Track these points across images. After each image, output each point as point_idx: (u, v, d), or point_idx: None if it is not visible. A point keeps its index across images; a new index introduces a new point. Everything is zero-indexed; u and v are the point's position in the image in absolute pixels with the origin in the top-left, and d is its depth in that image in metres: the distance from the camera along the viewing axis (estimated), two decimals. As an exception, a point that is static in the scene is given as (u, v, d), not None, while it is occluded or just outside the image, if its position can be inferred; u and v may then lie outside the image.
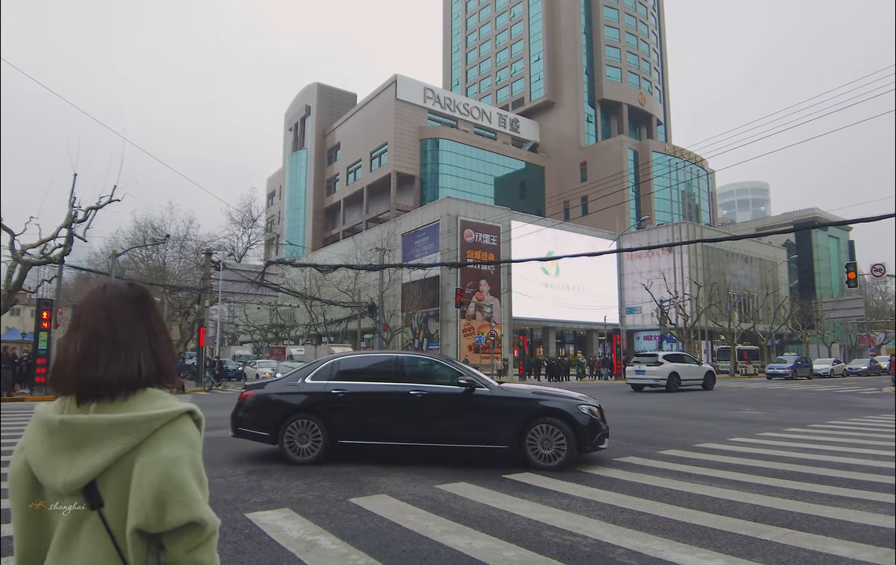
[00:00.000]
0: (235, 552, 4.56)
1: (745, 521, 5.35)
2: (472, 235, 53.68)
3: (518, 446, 7.97)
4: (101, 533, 1.21)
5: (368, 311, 49.12)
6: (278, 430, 8.41)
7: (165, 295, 42.77)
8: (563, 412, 7.99)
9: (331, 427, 8.32)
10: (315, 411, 8.38)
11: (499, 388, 8.42)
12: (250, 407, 8.83)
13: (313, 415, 8.36)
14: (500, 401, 8.22)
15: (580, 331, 65.63)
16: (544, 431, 7.95)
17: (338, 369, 8.79)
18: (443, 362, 8.99)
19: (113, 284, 1.39)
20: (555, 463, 7.78)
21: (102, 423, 1.22)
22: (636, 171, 79.00)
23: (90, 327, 1.30)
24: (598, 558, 4.42)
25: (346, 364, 9.04)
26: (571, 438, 7.84)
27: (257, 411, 8.75)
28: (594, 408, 8.27)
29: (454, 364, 8.98)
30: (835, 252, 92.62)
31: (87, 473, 1.20)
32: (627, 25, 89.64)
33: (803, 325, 64.11)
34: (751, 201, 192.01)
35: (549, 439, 7.89)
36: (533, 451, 7.90)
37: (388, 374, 8.66)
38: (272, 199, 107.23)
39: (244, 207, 51.17)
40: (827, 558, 4.37)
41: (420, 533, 5.01)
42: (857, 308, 49.86)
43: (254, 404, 8.80)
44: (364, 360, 9.84)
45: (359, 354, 10.59)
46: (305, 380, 8.70)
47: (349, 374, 8.78)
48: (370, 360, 9.81)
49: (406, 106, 77.82)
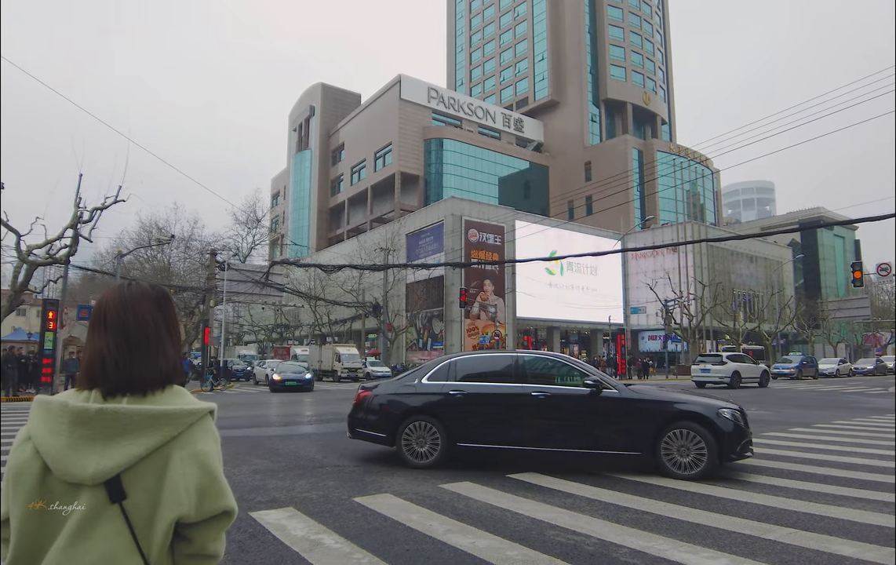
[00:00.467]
0: (240, 550, 4.57)
1: (749, 521, 5.34)
2: (477, 235, 53.66)
3: (652, 452, 7.45)
4: (121, 527, 1.21)
5: (373, 311, 49.20)
6: (395, 432, 8.21)
7: (171, 295, 42.85)
8: (702, 416, 7.41)
9: (449, 429, 8.04)
10: (433, 412, 8.15)
11: (628, 390, 8.04)
12: (367, 408, 8.64)
13: (431, 417, 8.12)
14: (630, 403, 7.78)
15: (584, 330, 65.53)
16: (681, 437, 7.38)
17: (456, 369, 8.55)
18: (566, 362, 8.54)
19: (136, 284, 1.43)
20: (694, 472, 7.21)
21: (144, 414, 1.25)
22: (641, 171, 78.79)
23: (121, 326, 1.34)
24: (602, 557, 4.42)
25: (465, 364, 8.76)
26: (712, 445, 7.24)
27: (374, 412, 8.56)
28: (736, 413, 7.61)
29: (579, 364, 8.50)
30: (840, 251, 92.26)
31: (120, 463, 1.21)
32: (632, 24, 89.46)
33: (809, 325, 63.87)
34: (756, 200, 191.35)
35: (686, 446, 7.32)
36: (668, 458, 7.36)
37: (508, 375, 8.31)
38: (276, 200, 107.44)
39: (249, 207, 51.26)
40: (831, 558, 4.36)
41: (424, 532, 5.02)
42: (862, 307, 49.75)
43: (371, 405, 8.61)
44: (483, 360, 9.47)
45: (477, 354, 10.07)
46: (422, 380, 8.50)
47: (467, 375, 8.50)
48: (489, 360, 9.53)
49: (410, 106, 77.84)
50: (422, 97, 79.15)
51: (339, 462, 8.54)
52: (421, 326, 55.11)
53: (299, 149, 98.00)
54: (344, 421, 14.52)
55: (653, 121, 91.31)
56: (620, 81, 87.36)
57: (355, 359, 41.97)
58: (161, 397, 1.31)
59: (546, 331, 61.75)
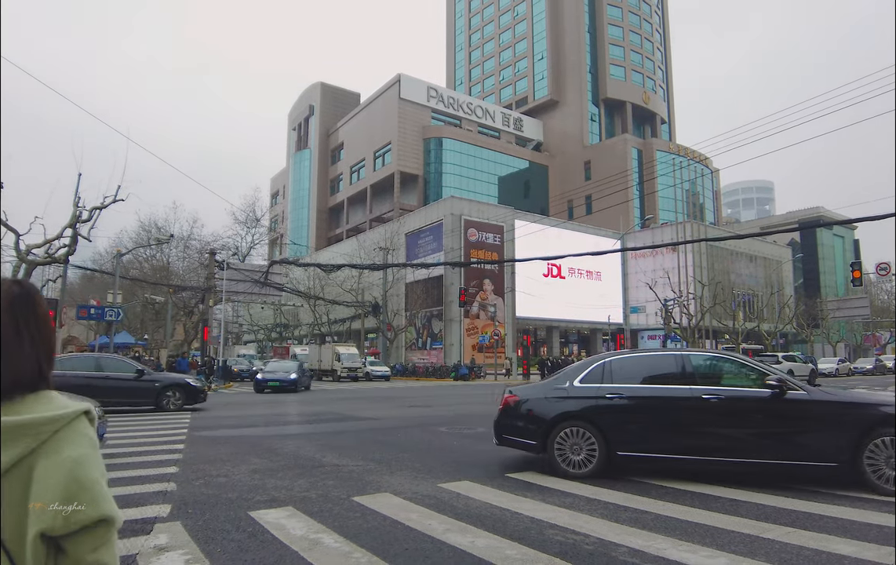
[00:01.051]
0: (239, 550, 4.57)
1: (748, 520, 5.34)
2: (476, 235, 53.67)
3: (852, 463, 6.48)
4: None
5: (372, 311, 49.22)
6: (546, 439, 7.59)
7: (170, 294, 42.89)
8: None
9: (607, 436, 7.33)
10: (588, 418, 7.45)
11: (819, 391, 7.24)
12: (514, 413, 8.05)
13: (586, 423, 7.44)
14: (823, 407, 6.88)
15: (584, 330, 65.58)
16: (891, 446, 6.38)
17: (611, 370, 7.80)
18: (742, 361, 7.69)
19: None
20: None
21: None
22: (640, 170, 78.85)
23: None
24: (601, 556, 4.42)
25: (621, 364, 7.99)
26: None
27: (522, 418, 7.97)
28: None
29: (757, 363, 7.58)
30: (840, 251, 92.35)
31: None
32: (631, 24, 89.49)
33: (808, 324, 63.93)
34: (755, 200, 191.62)
35: None
36: (874, 471, 6.40)
37: (673, 376, 7.48)
38: (276, 199, 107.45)
39: (248, 207, 51.31)
40: (830, 557, 4.37)
41: (423, 531, 5.02)
42: (862, 307, 49.71)
43: (518, 410, 8.04)
44: (642, 360, 8.54)
45: (635, 353, 9.26)
46: (574, 382, 7.83)
47: (625, 376, 7.72)
48: (649, 360, 8.54)
49: (409, 105, 77.84)
50: (421, 96, 79.14)
51: (338, 461, 8.53)
52: (420, 326, 55.11)
53: (299, 148, 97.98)
54: (342, 421, 14.55)
55: (652, 120, 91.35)
56: (620, 81, 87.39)
57: (355, 358, 41.89)
58: (25, 404, 1.23)
59: (546, 331, 61.78)
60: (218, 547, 4.62)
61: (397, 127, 76.55)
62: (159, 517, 5.44)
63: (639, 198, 79.31)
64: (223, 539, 4.83)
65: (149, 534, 4.90)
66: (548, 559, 4.36)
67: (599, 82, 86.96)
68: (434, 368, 46.43)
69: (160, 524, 5.22)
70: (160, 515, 5.50)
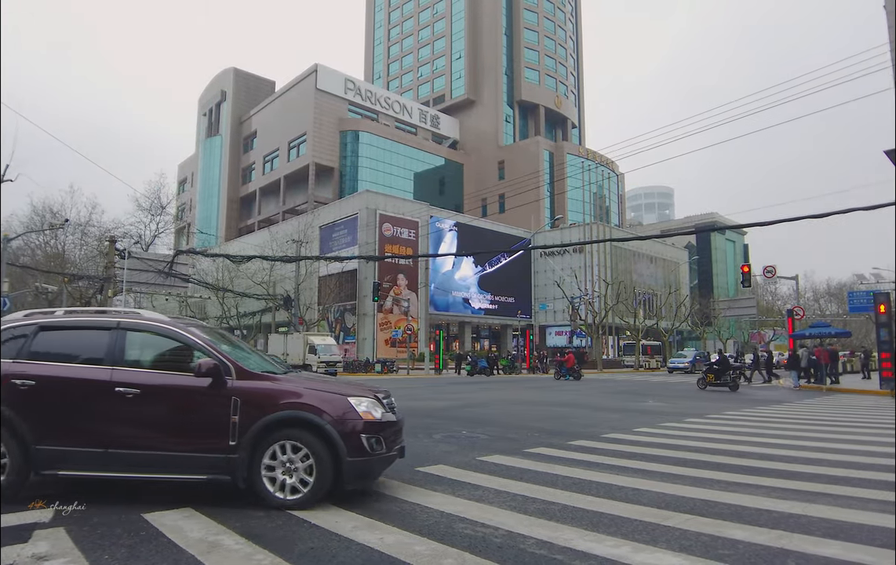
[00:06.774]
0: (130, 556, 4.24)
1: (650, 508, 5.54)
2: (391, 229, 53.46)
3: None
4: None
5: (284, 304, 47.86)
6: None
7: (65, 284, 40.04)
8: None
9: None
10: None
11: None
12: None
13: None
14: None
15: (495, 326, 66.85)
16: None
17: None
18: None
19: None
20: None
21: None
22: (551, 172, 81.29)
23: None
24: (509, 549, 4.44)
25: None
26: None
27: None
28: None
29: None
30: (731, 254, 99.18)
31: None
32: (546, 29, 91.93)
33: (702, 322, 68.09)
34: (657, 204, 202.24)
35: None
36: None
37: None
38: (184, 187, 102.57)
39: (153, 194, 48.68)
40: (725, 541, 4.58)
41: (329, 529, 4.86)
42: (749, 307, 53.36)
43: None
44: None
45: None
46: None
47: None
48: None
49: (326, 96, 76.43)
50: (338, 88, 77.90)
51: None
52: (333, 320, 54.31)
53: (209, 134, 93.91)
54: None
55: (564, 124, 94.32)
56: (534, 84, 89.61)
57: (333, 350, 37.66)
58: None
59: (458, 326, 62.42)
60: (106, 554, 4.27)
61: (313, 118, 74.92)
62: (39, 522, 4.97)
63: (549, 199, 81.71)
64: (112, 544, 4.46)
65: (26, 542, 4.46)
66: (457, 553, 4.32)
67: (515, 84, 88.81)
68: (346, 363, 45.81)
69: (40, 530, 4.76)
70: (41, 520, 5.03)
